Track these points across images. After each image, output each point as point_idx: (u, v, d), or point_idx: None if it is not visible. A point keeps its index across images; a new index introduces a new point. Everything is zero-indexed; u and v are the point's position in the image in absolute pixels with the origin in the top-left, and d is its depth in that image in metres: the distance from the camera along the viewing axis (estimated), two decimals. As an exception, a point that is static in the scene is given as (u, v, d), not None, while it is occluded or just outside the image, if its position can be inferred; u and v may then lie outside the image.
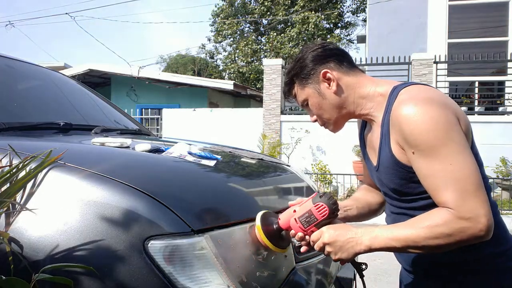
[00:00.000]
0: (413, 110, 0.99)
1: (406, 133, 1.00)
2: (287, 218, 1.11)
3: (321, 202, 1.06)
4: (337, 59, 1.18)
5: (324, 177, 8.27)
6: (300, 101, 1.23)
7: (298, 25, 18.45)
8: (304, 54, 1.20)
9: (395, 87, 1.12)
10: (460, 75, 9.39)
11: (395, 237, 1.00)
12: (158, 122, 11.20)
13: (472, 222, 0.92)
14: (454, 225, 0.93)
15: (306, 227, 1.08)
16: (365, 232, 1.04)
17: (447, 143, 0.96)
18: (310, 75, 1.18)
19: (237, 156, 1.76)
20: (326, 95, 1.17)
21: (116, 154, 1.36)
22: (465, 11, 9.85)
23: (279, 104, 8.94)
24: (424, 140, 0.97)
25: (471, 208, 0.93)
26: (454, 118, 1.00)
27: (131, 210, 0.98)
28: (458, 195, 0.94)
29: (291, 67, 1.22)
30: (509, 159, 7.60)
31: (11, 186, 1.00)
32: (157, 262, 0.93)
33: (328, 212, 1.06)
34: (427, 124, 0.97)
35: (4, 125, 1.49)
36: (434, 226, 0.95)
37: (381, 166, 1.14)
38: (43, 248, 0.96)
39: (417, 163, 1.01)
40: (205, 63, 23.04)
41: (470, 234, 0.93)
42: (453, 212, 0.94)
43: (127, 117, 2.46)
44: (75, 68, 12.08)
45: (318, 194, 1.08)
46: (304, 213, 1.08)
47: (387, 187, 1.16)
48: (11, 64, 2.04)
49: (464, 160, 0.96)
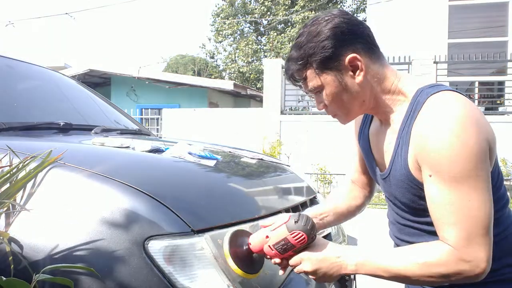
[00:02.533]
0: (446, 130, 0.85)
1: (430, 153, 0.88)
2: (260, 243, 1.00)
3: (297, 230, 0.94)
4: (365, 41, 0.97)
5: (324, 177, 8.27)
6: (311, 87, 1.00)
7: (298, 25, 18.45)
8: (323, 28, 0.95)
9: (421, 89, 0.96)
10: (460, 75, 9.40)
11: (385, 268, 0.91)
12: (158, 122, 11.20)
13: (472, 266, 0.86)
14: (453, 267, 0.86)
15: (283, 253, 0.98)
16: (351, 255, 0.95)
17: (473, 177, 0.85)
18: (333, 58, 0.95)
19: (237, 156, 1.76)
20: (348, 86, 0.97)
21: (116, 154, 1.36)
22: (465, 11, 9.85)
23: (279, 104, 8.95)
24: (450, 169, 0.86)
25: (474, 251, 0.85)
26: (487, 146, 0.87)
27: (131, 210, 0.98)
28: (466, 235, 0.85)
29: (304, 42, 0.97)
30: (509, 159, 7.60)
31: (11, 186, 0.99)
32: (157, 262, 0.93)
33: (306, 239, 0.95)
34: (458, 151, 0.84)
35: (4, 125, 1.49)
36: (432, 265, 0.88)
37: (392, 177, 1.02)
38: (43, 248, 0.96)
39: (432, 188, 0.90)
40: (205, 63, 23.03)
41: (465, 277, 0.87)
42: (455, 252, 0.86)
43: (127, 117, 2.46)
44: (75, 68, 12.07)
45: (293, 217, 0.96)
46: (280, 241, 0.96)
47: (397, 200, 1.06)
48: (11, 64, 2.04)
49: (484, 199, 0.86)
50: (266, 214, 1.22)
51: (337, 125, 7.73)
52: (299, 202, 1.50)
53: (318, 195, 1.78)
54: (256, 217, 1.16)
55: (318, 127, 8.60)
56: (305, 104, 9.89)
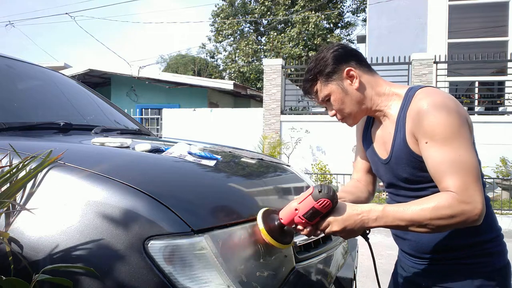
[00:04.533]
0: (433, 105, 1.13)
1: (424, 124, 1.13)
2: (290, 216, 1.13)
3: (322, 198, 1.09)
4: (357, 59, 1.29)
5: (324, 177, 8.27)
6: (322, 97, 1.30)
7: (298, 25, 18.45)
8: (326, 54, 1.28)
9: (411, 88, 1.25)
10: (460, 75, 9.40)
11: (401, 217, 1.09)
12: (158, 122, 11.20)
13: (471, 206, 1.06)
14: (457, 208, 1.05)
15: (312, 221, 1.12)
16: (372, 210, 1.12)
17: (459, 137, 1.10)
18: (334, 72, 1.26)
19: (237, 156, 1.76)
20: (348, 91, 1.27)
21: (116, 154, 1.36)
22: (465, 11, 9.85)
23: (279, 104, 8.95)
24: (441, 132, 1.10)
25: (471, 194, 1.06)
26: (465, 119, 1.14)
27: (131, 210, 0.98)
28: (462, 182, 1.07)
29: (313, 66, 1.29)
30: (509, 159, 7.60)
31: (11, 186, 0.99)
32: (157, 262, 0.93)
33: (331, 204, 1.10)
34: (444, 118, 1.11)
35: (4, 125, 1.49)
36: (439, 208, 1.06)
37: (393, 158, 1.25)
38: (43, 248, 0.96)
39: (429, 152, 1.13)
40: (205, 63, 23.03)
41: (467, 217, 1.06)
42: (456, 196, 1.06)
43: (127, 117, 2.46)
44: (75, 68, 12.08)
45: (316, 188, 1.11)
46: (308, 210, 1.10)
47: (398, 178, 1.27)
48: (11, 64, 2.04)
49: (471, 154, 1.11)
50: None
51: (337, 125, 7.74)
52: (299, 202, 1.50)
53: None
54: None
55: (318, 127, 8.60)
56: (305, 104, 9.89)
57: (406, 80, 8.24)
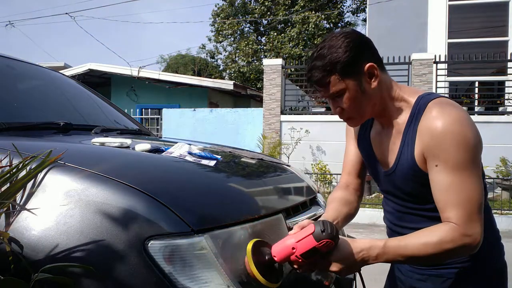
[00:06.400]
0: (449, 129, 1.04)
1: (437, 147, 1.05)
2: (285, 254, 1.04)
3: (325, 238, 1.00)
4: (375, 53, 1.14)
5: (324, 177, 8.27)
6: (333, 92, 1.11)
7: (298, 25, 18.45)
8: (343, 42, 1.08)
9: (421, 96, 1.13)
10: (460, 75, 9.40)
11: (403, 253, 1.06)
12: (158, 122, 11.20)
13: (472, 239, 1.03)
14: (459, 241, 1.03)
15: (308, 259, 1.04)
16: (373, 246, 1.07)
17: (473, 165, 1.04)
18: (354, 66, 1.08)
19: (237, 156, 1.76)
20: (366, 90, 1.11)
21: (116, 154, 1.36)
22: (465, 11, 9.85)
23: (279, 104, 8.94)
24: (455, 158, 1.03)
25: (473, 226, 1.03)
26: (480, 142, 1.06)
27: (131, 210, 0.98)
28: (467, 215, 1.03)
29: (328, 53, 1.08)
30: (509, 159, 7.60)
31: (11, 186, 1.00)
32: (157, 262, 0.93)
33: (333, 244, 1.03)
34: (461, 144, 1.03)
35: (4, 125, 1.49)
36: (442, 243, 1.03)
37: (397, 171, 1.17)
38: (43, 248, 0.96)
39: (437, 176, 1.06)
40: (205, 63, 23.02)
41: (467, 249, 1.05)
42: (459, 229, 1.03)
43: (127, 117, 2.46)
44: (75, 68, 12.08)
45: (318, 226, 1.02)
46: (308, 250, 1.02)
47: (399, 190, 1.21)
48: (11, 64, 2.04)
49: (479, 184, 1.06)
50: (266, 214, 1.22)
51: (337, 125, 7.74)
52: (299, 202, 1.50)
53: (318, 195, 1.78)
54: (256, 217, 1.16)
55: (318, 127, 8.60)
56: (305, 104, 9.89)
57: (406, 80, 8.23)
